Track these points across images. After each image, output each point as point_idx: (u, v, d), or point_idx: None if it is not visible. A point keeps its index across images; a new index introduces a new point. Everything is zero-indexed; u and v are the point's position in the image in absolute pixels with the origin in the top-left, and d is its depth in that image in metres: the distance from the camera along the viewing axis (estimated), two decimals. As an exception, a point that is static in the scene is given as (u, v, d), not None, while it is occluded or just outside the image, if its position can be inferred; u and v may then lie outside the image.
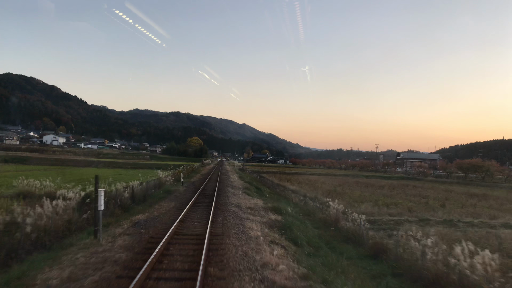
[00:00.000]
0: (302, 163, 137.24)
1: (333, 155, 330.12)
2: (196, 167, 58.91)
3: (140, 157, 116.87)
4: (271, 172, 71.19)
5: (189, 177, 35.35)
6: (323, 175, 70.72)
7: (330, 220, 16.96)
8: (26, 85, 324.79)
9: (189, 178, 34.36)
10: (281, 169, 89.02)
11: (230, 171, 53.95)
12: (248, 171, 67.75)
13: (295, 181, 48.96)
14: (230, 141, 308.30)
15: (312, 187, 40.89)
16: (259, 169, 77.79)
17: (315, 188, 38.62)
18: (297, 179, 53.48)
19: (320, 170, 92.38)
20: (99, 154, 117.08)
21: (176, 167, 42.30)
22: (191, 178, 34.64)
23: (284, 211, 16.79)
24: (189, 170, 46.88)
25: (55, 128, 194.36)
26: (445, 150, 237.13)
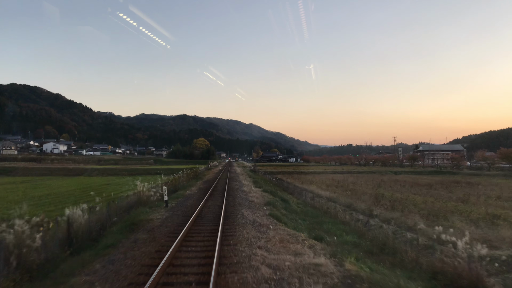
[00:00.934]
0: (315, 160, 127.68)
1: (344, 151, 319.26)
2: (200, 170, 50.25)
3: (143, 162, 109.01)
4: (286, 173, 62.16)
5: (186, 187, 26.56)
6: (346, 173, 61.47)
7: (458, 276, 7.79)
8: (30, 95, 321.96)
9: (185, 188, 25.54)
10: (295, 168, 79.89)
11: (241, 174, 45.02)
12: (261, 172, 58.90)
13: (320, 183, 39.89)
14: (237, 141, 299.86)
15: (346, 190, 31.79)
16: (272, 170, 68.76)
17: (353, 193, 29.52)
18: (320, 180, 44.38)
19: (339, 167, 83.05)
20: (100, 160, 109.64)
21: (178, 172, 35.83)
22: (189, 188, 25.83)
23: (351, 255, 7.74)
24: (189, 176, 38.19)
25: (58, 136, 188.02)
26: (458, 140, 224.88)
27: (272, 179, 43.98)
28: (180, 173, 33.78)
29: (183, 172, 37.98)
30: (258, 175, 49.81)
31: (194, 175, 43.09)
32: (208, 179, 36.41)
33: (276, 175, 56.19)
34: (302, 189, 31.54)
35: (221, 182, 32.16)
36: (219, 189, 24.31)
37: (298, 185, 36.28)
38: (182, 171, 38.33)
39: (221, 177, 39.27)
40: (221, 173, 47.97)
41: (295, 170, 66.38)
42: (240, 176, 41.04)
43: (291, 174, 59.30)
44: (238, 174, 44.62)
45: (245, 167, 72.85)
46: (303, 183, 42.36)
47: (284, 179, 46.39)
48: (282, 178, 47.69)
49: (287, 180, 43.06)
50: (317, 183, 39.17)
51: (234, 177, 39.50)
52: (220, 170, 58.47)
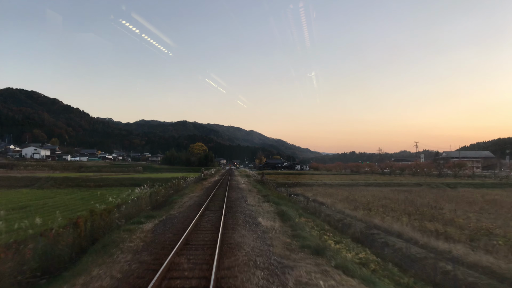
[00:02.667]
0: (326, 168, 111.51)
1: (347, 159, 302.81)
2: (189, 182, 34.15)
3: (131, 169, 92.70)
4: (304, 185, 45.90)
5: (148, 218, 10.27)
6: (384, 186, 45.26)
7: None
8: (26, 99, 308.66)
9: (143, 221, 9.12)
10: (311, 177, 63.60)
11: (247, 190, 28.59)
12: (271, 183, 42.88)
13: (375, 207, 23.69)
14: (238, 148, 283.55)
15: (422, 217, 15.60)
16: (283, 180, 52.48)
17: (438, 221, 13.42)
18: (367, 201, 28.14)
19: (361, 176, 66.92)
20: (81, 167, 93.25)
21: (165, 182, 27.84)
22: (149, 221, 9.46)
23: None
24: (164, 195, 22.18)
25: (46, 140, 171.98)
26: (466, 148, 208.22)
27: (293, 198, 27.80)
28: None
29: (156, 188, 22.54)
30: (270, 190, 33.70)
31: (176, 189, 27.01)
32: (188, 204, 19.94)
33: (293, 188, 40.00)
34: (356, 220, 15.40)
35: (214, 205, 16.06)
36: (203, 227, 8.09)
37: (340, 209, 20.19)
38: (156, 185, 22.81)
39: (216, 195, 23.11)
40: (218, 185, 31.89)
41: (315, 181, 50.06)
42: (247, 194, 24.77)
43: (311, 187, 43.12)
44: (243, 190, 28.54)
45: (249, 177, 56.43)
46: (340, 201, 26.68)
47: (309, 195, 30.40)
48: (307, 194, 31.78)
49: (321, 200, 27.03)
50: (374, 208, 22.94)
51: (238, 198, 23.12)
52: (217, 181, 42.13)
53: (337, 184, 47.07)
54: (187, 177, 40.36)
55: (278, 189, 38.08)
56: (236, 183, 38.84)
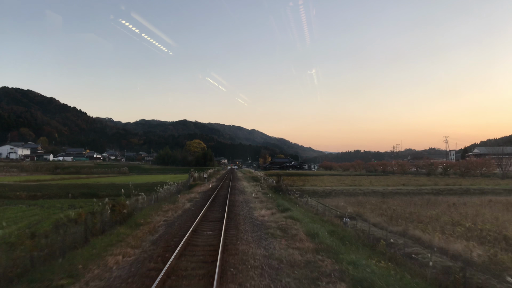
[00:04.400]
0: (342, 167, 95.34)
1: (351, 157, 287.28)
2: (167, 192, 18.79)
3: (115, 170, 77.33)
4: (341, 193, 30.41)
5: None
6: (464, 194, 29.69)
7: None
8: (22, 98, 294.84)
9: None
10: (333, 180, 48.12)
11: (264, 216, 12.59)
12: (292, 191, 27.46)
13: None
14: (240, 146, 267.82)
15: None
16: (303, 185, 37.00)
17: None
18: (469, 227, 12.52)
19: (401, 178, 51.50)
20: (57, 168, 78.02)
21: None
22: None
23: None
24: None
25: (35, 139, 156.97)
26: (477, 145, 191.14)
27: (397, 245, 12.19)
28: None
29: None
30: (312, 213, 18.19)
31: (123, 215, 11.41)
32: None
33: (328, 199, 24.54)
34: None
35: None
36: None
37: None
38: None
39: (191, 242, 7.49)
40: (208, 205, 16.38)
41: (350, 187, 34.43)
42: (270, 229, 9.41)
43: (356, 197, 27.64)
44: (257, 217, 12.94)
45: (258, 181, 40.47)
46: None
47: (401, 230, 14.85)
48: (376, 220, 16.33)
49: (421, 237, 11.38)
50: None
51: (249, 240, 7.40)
52: (210, 191, 26.82)
53: (390, 191, 31.28)
54: (175, 182, 24.75)
55: (307, 201, 22.50)
56: (241, 190, 22.85)
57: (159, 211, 13.10)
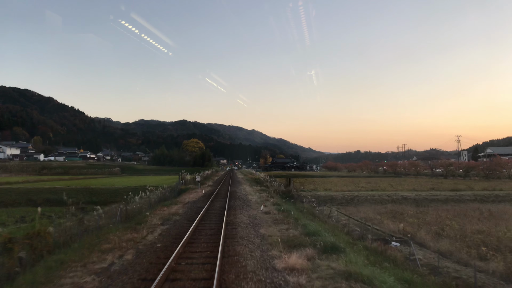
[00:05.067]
0: (347, 168, 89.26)
1: (352, 158, 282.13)
2: (145, 201, 13.12)
3: (105, 171, 71.51)
4: (364, 201, 24.72)
5: None
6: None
7: None
8: (19, 98, 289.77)
9: None
10: (345, 182, 42.38)
11: (297, 274, 6.68)
12: (305, 197, 21.79)
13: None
14: (240, 147, 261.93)
15: None
16: (315, 189, 31.30)
17: None
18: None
19: (429, 182, 45.85)
20: (44, 168, 72.27)
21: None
22: None
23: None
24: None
25: (29, 138, 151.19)
26: (479, 146, 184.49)
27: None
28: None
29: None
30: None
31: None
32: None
33: (349, 208, 18.90)
34: None
35: None
36: None
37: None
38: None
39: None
40: (173, 259, 10.82)
41: (368, 193, 28.70)
42: None
43: (385, 205, 22.01)
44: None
45: (261, 183, 34.57)
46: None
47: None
48: (426, 244, 10.20)
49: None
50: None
51: None
52: (195, 212, 18.36)
53: (424, 198, 25.46)
54: (162, 186, 19.03)
55: (319, 209, 16.83)
56: (248, 212, 15.52)
57: (93, 252, 7.17)
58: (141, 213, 12.68)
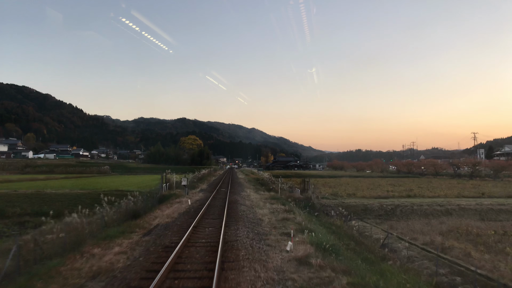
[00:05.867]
0: (356, 167, 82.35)
1: (353, 157, 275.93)
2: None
3: (94, 169, 64.83)
4: (415, 212, 18.17)
5: None
6: None
7: None
8: (16, 94, 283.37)
9: None
10: (364, 184, 35.86)
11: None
12: (331, 206, 15.20)
13: None
14: (240, 145, 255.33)
15: None
16: (330, 193, 24.80)
17: None
18: None
19: (454, 182, 39.46)
20: (27, 166, 65.79)
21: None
22: None
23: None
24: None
25: (22, 135, 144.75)
26: (483, 145, 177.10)
27: None
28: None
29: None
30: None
31: None
32: None
33: (394, 223, 12.27)
34: None
35: None
36: None
37: None
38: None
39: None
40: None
41: (407, 200, 22.14)
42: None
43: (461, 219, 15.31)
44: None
45: (266, 185, 27.91)
46: None
47: None
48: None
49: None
50: None
51: None
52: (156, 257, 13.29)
53: (488, 208, 18.88)
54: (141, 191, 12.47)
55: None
56: (261, 254, 7.35)
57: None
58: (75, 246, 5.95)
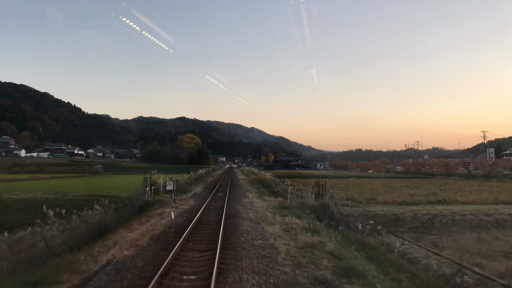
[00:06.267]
0: (363, 167, 78.26)
1: (353, 156, 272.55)
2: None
3: (86, 169, 61.00)
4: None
5: None
6: None
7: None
8: (14, 93, 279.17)
9: None
10: (389, 187, 32.18)
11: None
12: (353, 217, 11.57)
13: None
14: (240, 144, 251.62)
15: None
16: (343, 196, 21.03)
17: None
18: None
19: (475, 183, 35.88)
20: (16, 165, 62.03)
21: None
22: None
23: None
24: None
25: (17, 133, 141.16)
26: (484, 145, 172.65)
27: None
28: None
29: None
30: None
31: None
32: None
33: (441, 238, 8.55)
34: None
35: None
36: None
37: None
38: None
39: None
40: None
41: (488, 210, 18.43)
42: None
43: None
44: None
45: (269, 187, 24.22)
46: None
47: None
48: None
49: None
50: None
51: None
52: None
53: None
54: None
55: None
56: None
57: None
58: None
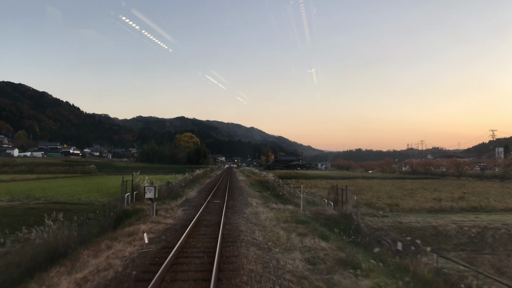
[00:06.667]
0: (367, 167, 74.99)
1: (353, 156, 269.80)
2: None
3: (78, 169, 57.87)
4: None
5: None
6: None
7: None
8: (12, 92, 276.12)
9: None
10: (410, 189, 29.16)
11: None
12: (385, 231, 8.63)
13: None
14: (239, 144, 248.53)
15: None
16: (360, 201, 17.95)
17: None
18: None
19: (483, 184, 32.95)
20: (6, 165, 58.94)
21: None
22: None
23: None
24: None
25: (13, 133, 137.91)
26: (485, 145, 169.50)
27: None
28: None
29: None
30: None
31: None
32: None
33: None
34: None
35: None
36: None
37: None
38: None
39: None
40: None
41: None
42: None
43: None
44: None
45: (273, 189, 21.17)
46: None
47: None
48: None
49: None
50: None
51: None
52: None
53: None
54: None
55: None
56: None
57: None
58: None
